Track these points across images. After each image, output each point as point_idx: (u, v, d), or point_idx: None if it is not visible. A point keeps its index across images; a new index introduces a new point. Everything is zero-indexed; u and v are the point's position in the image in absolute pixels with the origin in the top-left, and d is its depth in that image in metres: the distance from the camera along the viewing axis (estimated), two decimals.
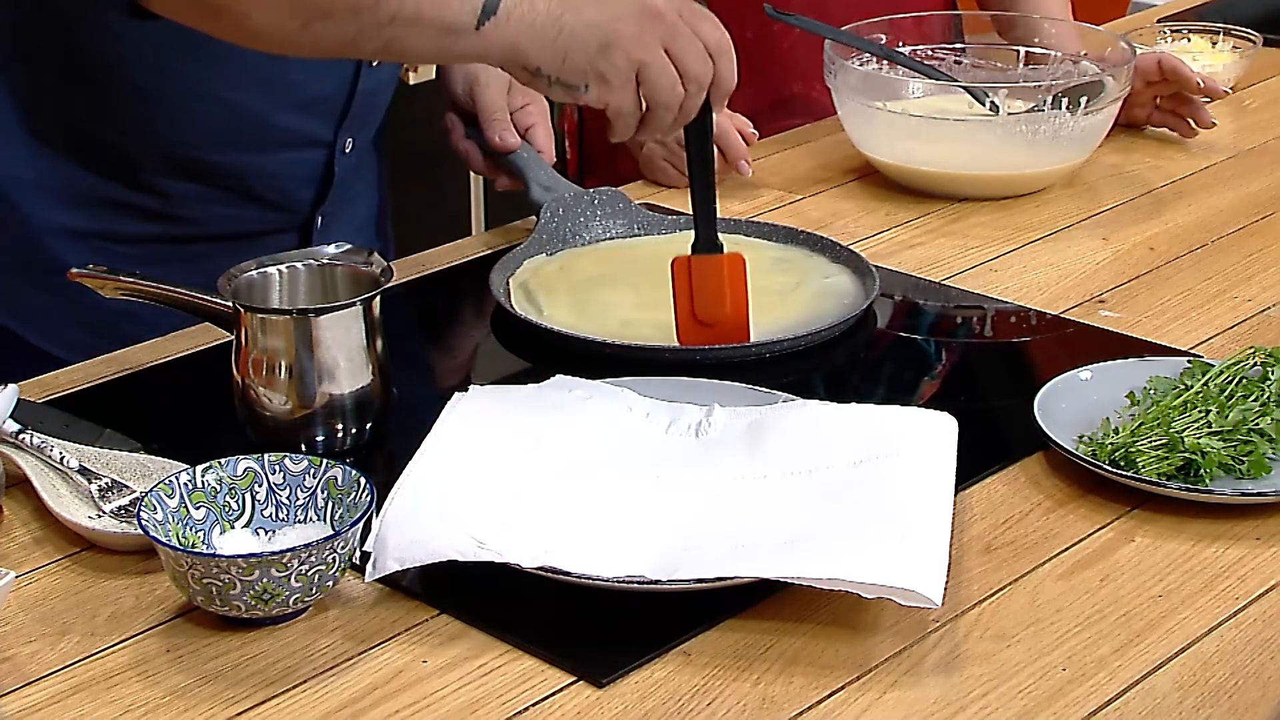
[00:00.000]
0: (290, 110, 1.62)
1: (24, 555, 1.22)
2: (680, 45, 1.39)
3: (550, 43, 1.36)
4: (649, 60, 1.38)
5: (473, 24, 1.36)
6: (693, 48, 1.39)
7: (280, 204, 1.67)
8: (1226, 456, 1.28)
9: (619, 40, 1.37)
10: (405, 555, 1.14)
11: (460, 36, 1.36)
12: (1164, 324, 1.57)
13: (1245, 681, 1.08)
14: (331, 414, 1.33)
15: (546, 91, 1.41)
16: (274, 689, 1.08)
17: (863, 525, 1.17)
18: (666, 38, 1.38)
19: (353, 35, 1.37)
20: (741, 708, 1.06)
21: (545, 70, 1.38)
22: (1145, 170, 1.96)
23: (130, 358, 1.51)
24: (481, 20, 1.36)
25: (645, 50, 1.38)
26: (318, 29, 1.36)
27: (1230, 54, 2.21)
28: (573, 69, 1.37)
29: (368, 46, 1.40)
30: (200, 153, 1.60)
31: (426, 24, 1.36)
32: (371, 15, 1.35)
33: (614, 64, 1.37)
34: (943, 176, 1.86)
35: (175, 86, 1.55)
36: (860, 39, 1.96)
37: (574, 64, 1.37)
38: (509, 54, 1.37)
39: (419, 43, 1.38)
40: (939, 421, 1.29)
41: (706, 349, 1.48)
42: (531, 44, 1.36)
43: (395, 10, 1.35)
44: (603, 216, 1.73)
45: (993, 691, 1.07)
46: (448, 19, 1.36)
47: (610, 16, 1.37)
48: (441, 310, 1.68)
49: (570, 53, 1.37)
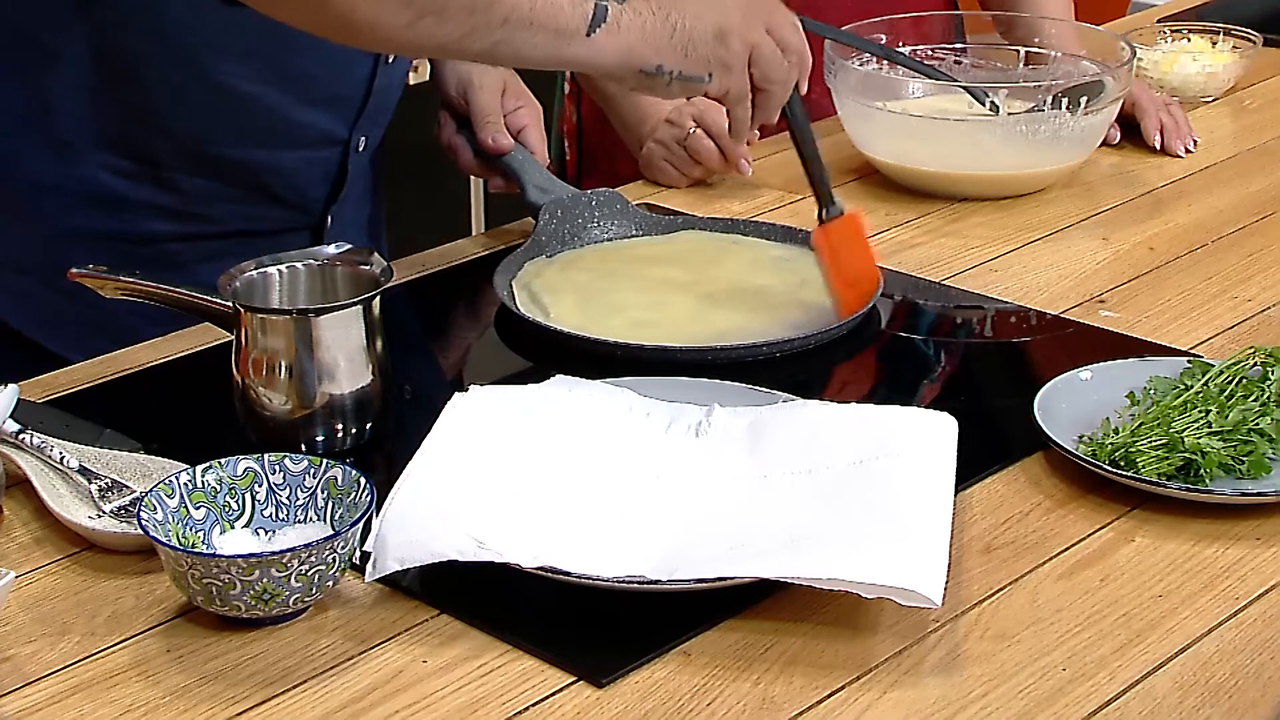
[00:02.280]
0: (309, 106, 1.63)
1: (24, 555, 1.22)
2: (777, 21, 1.48)
3: (668, 40, 1.42)
4: (759, 41, 1.46)
5: (584, 30, 1.39)
6: (786, 22, 1.49)
7: (295, 202, 1.68)
8: (1226, 456, 1.28)
9: (732, 27, 1.45)
10: (405, 555, 1.14)
11: (571, 42, 1.40)
12: (1164, 324, 1.57)
13: (1245, 681, 1.08)
14: (331, 414, 1.33)
15: (664, 91, 1.46)
16: (274, 689, 1.08)
17: (863, 525, 1.17)
18: (765, 18, 1.47)
19: (462, 35, 1.37)
20: (741, 708, 1.06)
21: (668, 67, 1.43)
22: (1145, 170, 1.96)
23: (130, 358, 1.51)
24: (592, 27, 1.39)
25: (755, 32, 1.46)
26: (428, 25, 1.36)
27: (1230, 54, 2.21)
28: (696, 61, 1.44)
29: (475, 47, 1.40)
30: (222, 149, 1.61)
31: (539, 28, 1.38)
32: (485, 15, 1.36)
33: (732, 50, 1.45)
34: (943, 176, 1.86)
35: (202, 82, 1.56)
36: (860, 39, 1.96)
37: (697, 56, 1.44)
38: (623, 58, 1.42)
39: (528, 47, 1.40)
40: (939, 421, 1.29)
41: (716, 348, 1.48)
42: (649, 45, 1.42)
43: (509, 11, 1.36)
44: (601, 217, 1.73)
45: (993, 691, 1.07)
46: (560, 23, 1.38)
47: (718, 7, 1.45)
48: (441, 310, 1.69)
49: (691, 46, 1.43)
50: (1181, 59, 2.18)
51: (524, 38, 1.38)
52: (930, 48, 2.04)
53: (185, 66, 1.55)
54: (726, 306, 1.58)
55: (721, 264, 1.66)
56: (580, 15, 1.39)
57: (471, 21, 1.36)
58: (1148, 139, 2.00)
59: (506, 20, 1.36)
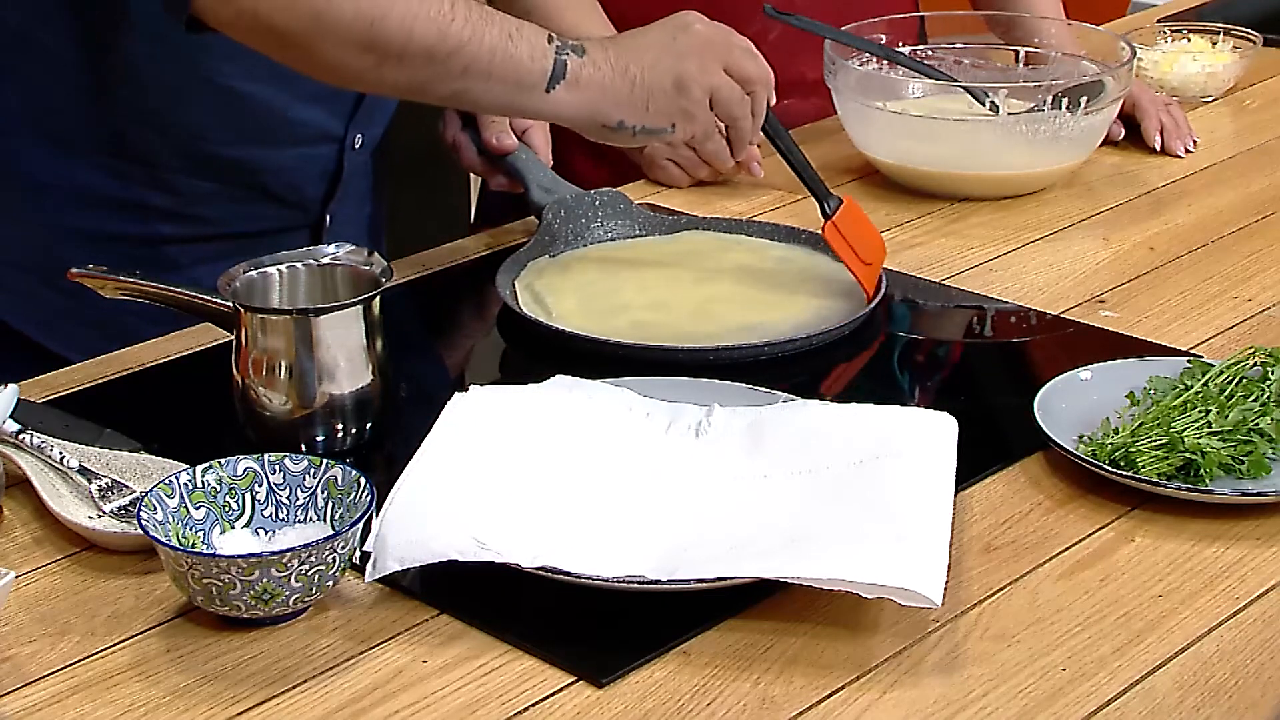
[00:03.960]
0: (305, 104, 1.63)
1: (24, 555, 1.22)
2: (734, 59, 1.50)
3: (628, 96, 1.45)
4: (719, 84, 1.49)
5: (543, 86, 1.42)
6: (743, 57, 1.51)
7: (293, 201, 1.69)
8: (1226, 456, 1.28)
9: (690, 76, 1.47)
10: (405, 555, 1.14)
11: (530, 95, 1.43)
12: (1164, 324, 1.57)
13: (1245, 681, 1.08)
14: (331, 414, 1.33)
15: (629, 142, 1.50)
16: (274, 689, 1.08)
17: (863, 525, 1.17)
18: (721, 58, 1.49)
19: (422, 81, 1.41)
20: (741, 708, 1.06)
21: (629, 122, 1.46)
22: (1145, 170, 1.96)
23: (130, 358, 1.51)
24: (551, 83, 1.42)
25: (713, 76, 1.48)
26: (390, 71, 1.40)
27: (1230, 54, 2.21)
28: (657, 114, 1.47)
29: (436, 93, 1.44)
30: (218, 148, 1.61)
31: (497, 80, 1.41)
32: (444, 65, 1.40)
33: (693, 98, 1.48)
34: (943, 176, 1.86)
35: (199, 82, 1.57)
36: (860, 39, 1.96)
37: (657, 109, 1.47)
38: (586, 114, 1.45)
39: (489, 97, 1.44)
40: (939, 421, 1.29)
41: (717, 348, 1.48)
42: (609, 101, 1.45)
43: (468, 63, 1.39)
44: (604, 217, 1.73)
45: (993, 691, 1.07)
46: (520, 77, 1.41)
47: (674, 56, 1.47)
48: (441, 310, 1.69)
49: (651, 99, 1.46)
50: (1181, 59, 2.18)
51: (483, 89, 1.42)
52: (930, 47, 2.04)
53: (182, 66, 1.55)
54: (728, 307, 1.58)
55: (723, 264, 1.66)
56: (540, 70, 1.42)
57: (430, 70, 1.40)
58: (1148, 139, 2.00)
59: (465, 70, 1.40)
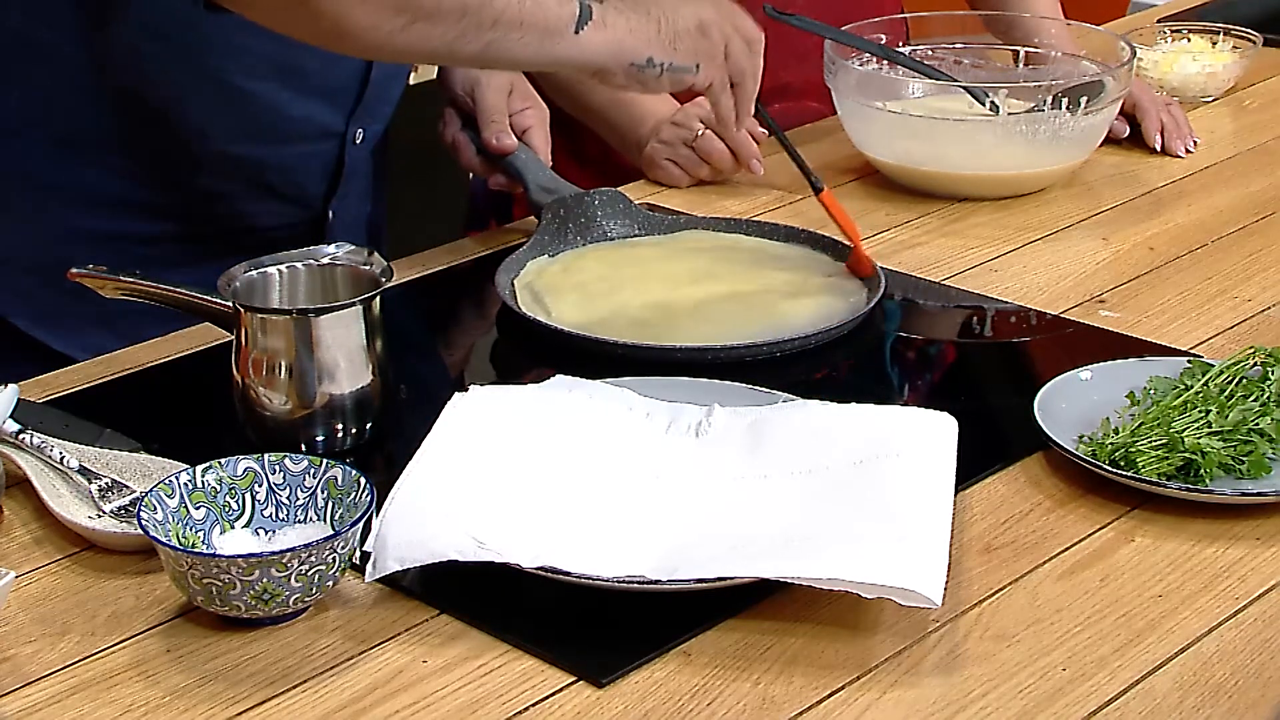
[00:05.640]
0: (305, 99, 1.63)
1: (24, 555, 1.22)
2: (738, 16, 1.55)
3: (655, 34, 1.48)
4: (731, 34, 1.54)
5: (572, 28, 1.44)
6: (744, 17, 1.56)
7: (294, 197, 1.69)
8: (1226, 456, 1.28)
9: (710, 20, 1.52)
10: (405, 555, 1.14)
11: (560, 40, 1.44)
12: (1164, 324, 1.57)
13: (1245, 681, 1.08)
14: (331, 414, 1.33)
15: (654, 84, 1.51)
16: (274, 689, 1.08)
17: (863, 525, 1.17)
18: (729, 14, 1.54)
19: (454, 38, 1.40)
20: (741, 708, 1.06)
21: (658, 59, 1.49)
22: (1145, 170, 1.96)
23: (130, 358, 1.51)
24: (579, 25, 1.44)
25: (725, 24, 1.53)
26: (420, 30, 1.39)
27: (1230, 54, 2.21)
28: (684, 53, 1.50)
29: (466, 50, 1.43)
30: (221, 145, 1.61)
31: (528, 28, 1.42)
32: (476, 17, 1.39)
33: (714, 42, 1.52)
34: (943, 176, 1.86)
35: (201, 79, 1.57)
36: (860, 39, 1.96)
37: (684, 48, 1.50)
38: (613, 53, 1.47)
39: (519, 47, 1.43)
40: (939, 421, 1.29)
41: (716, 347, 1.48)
42: (637, 39, 1.47)
43: (499, 13, 1.40)
44: (604, 217, 1.73)
45: (993, 691, 1.07)
46: (549, 23, 1.42)
47: (691, 3, 1.51)
48: (441, 310, 1.69)
49: (677, 39, 1.49)
50: (1181, 59, 2.18)
51: (514, 38, 1.41)
52: (930, 47, 2.04)
53: (184, 64, 1.55)
54: (727, 306, 1.58)
55: (723, 264, 1.66)
56: (568, 14, 1.43)
57: (463, 24, 1.39)
58: (1148, 139, 2.00)
59: (497, 21, 1.40)
